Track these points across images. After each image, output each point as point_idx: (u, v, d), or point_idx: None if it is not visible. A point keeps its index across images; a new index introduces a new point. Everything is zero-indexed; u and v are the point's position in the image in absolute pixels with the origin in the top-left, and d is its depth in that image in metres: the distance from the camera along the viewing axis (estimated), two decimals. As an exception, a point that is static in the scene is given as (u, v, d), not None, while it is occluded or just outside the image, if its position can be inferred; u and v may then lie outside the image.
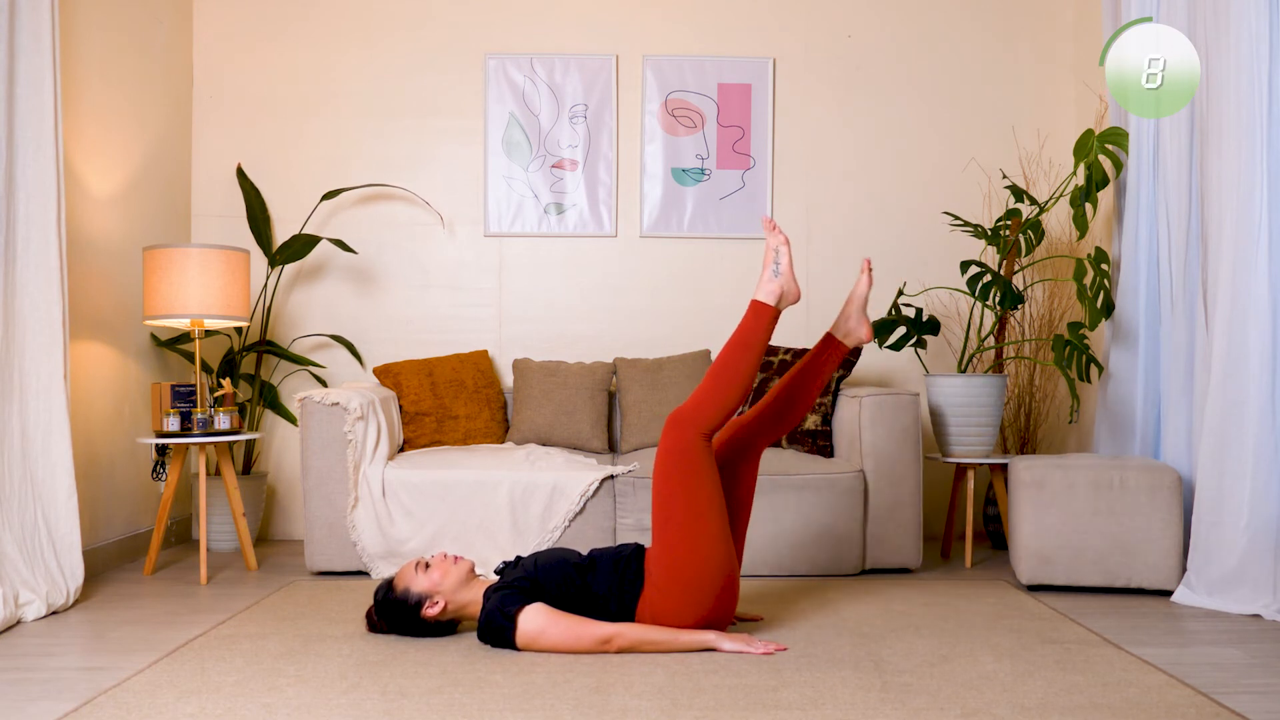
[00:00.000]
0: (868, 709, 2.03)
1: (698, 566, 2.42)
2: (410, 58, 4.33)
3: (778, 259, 2.53)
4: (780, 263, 2.53)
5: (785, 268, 2.52)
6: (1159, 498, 3.10)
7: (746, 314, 2.52)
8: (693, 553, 2.42)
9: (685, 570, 2.42)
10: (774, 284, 2.52)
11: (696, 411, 2.46)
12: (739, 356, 2.48)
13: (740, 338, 2.50)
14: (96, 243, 3.54)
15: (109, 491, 3.58)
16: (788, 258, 2.53)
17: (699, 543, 2.42)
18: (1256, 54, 2.88)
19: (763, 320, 2.51)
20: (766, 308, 2.51)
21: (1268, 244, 2.87)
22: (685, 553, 2.42)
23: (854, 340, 2.70)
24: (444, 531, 3.38)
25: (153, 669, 2.30)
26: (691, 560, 2.42)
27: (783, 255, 2.53)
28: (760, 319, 2.51)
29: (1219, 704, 2.06)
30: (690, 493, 2.42)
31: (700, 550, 2.42)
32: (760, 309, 2.51)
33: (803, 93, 4.36)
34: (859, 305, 2.68)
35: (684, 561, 2.42)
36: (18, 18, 2.92)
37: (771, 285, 2.52)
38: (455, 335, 4.31)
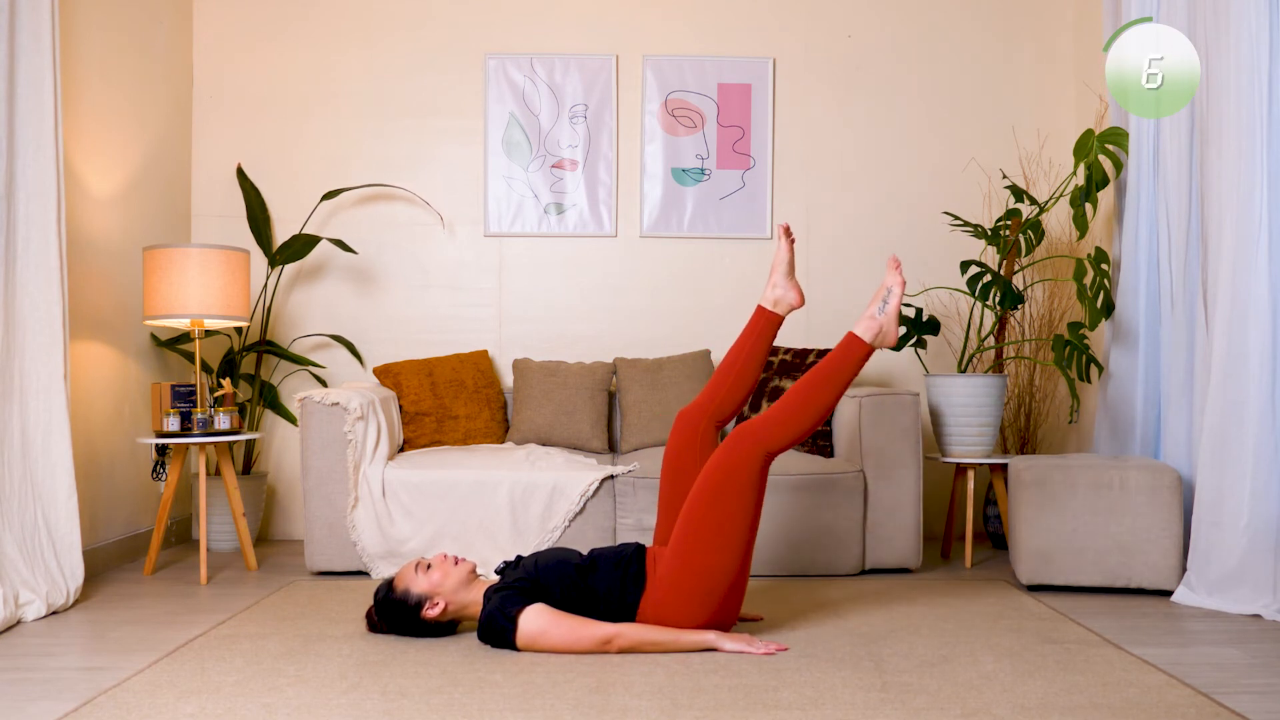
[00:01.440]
0: (868, 709, 2.03)
1: (712, 577, 2.42)
2: (410, 58, 4.33)
3: (887, 298, 2.52)
4: (889, 302, 2.52)
5: (892, 309, 2.51)
6: (1159, 498, 3.10)
7: (840, 345, 2.53)
8: (711, 565, 2.42)
9: (698, 579, 2.43)
10: (875, 321, 2.52)
11: (767, 431, 2.44)
12: (822, 385, 2.48)
13: (828, 367, 2.49)
14: (96, 243, 3.54)
15: (109, 491, 3.58)
16: (897, 301, 2.52)
17: (726, 556, 2.42)
18: (1256, 54, 2.88)
19: (854, 354, 2.50)
20: (861, 343, 2.51)
21: (1268, 244, 2.87)
22: (703, 564, 2.42)
23: (784, 307, 2.71)
24: (444, 531, 3.38)
25: (153, 669, 2.30)
26: (708, 571, 2.42)
27: (893, 296, 2.52)
28: (852, 353, 2.50)
29: (1219, 704, 2.06)
30: (735, 508, 2.41)
31: (725, 563, 2.42)
32: (854, 343, 2.51)
33: (803, 93, 4.36)
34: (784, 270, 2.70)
35: (700, 571, 2.42)
36: (18, 18, 2.92)
37: (872, 322, 2.52)
38: (455, 335, 4.31)
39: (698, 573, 2.42)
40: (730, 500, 2.41)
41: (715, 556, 2.41)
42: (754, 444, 2.42)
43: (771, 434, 2.44)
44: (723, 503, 2.41)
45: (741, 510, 2.41)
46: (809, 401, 2.46)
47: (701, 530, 2.41)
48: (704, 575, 2.42)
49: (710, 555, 2.41)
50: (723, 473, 2.42)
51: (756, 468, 2.42)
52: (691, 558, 2.42)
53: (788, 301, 2.72)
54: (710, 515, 2.41)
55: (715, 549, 2.41)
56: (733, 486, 2.41)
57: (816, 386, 2.47)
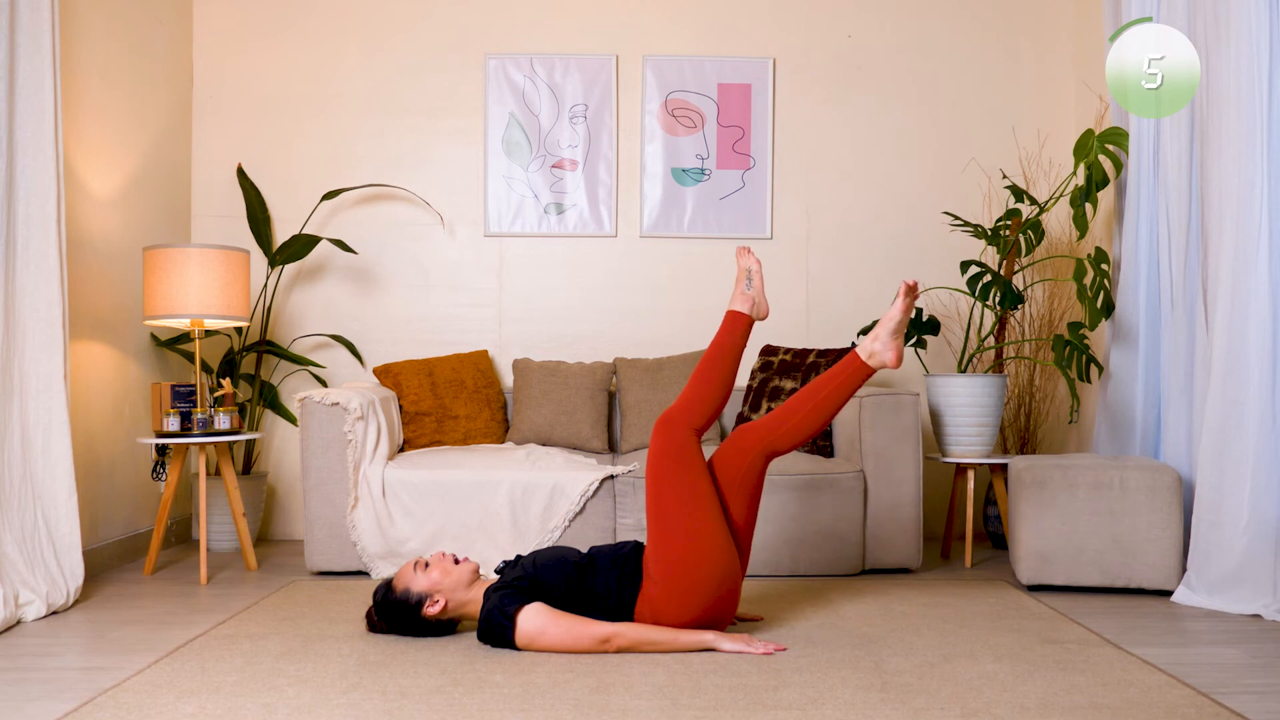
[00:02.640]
0: (868, 709, 2.03)
1: (697, 561, 2.43)
2: (410, 58, 4.33)
3: (750, 277, 2.73)
4: (752, 280, 2.73)
5: (756, 285, 2.73)
6: (1159, 498, 3.10)
7: (723, 322, 2.70)
8: (688, 548, 2.43)
9: (684, 565, 2.43)
10: (745, 297, 2.72)
11: (682, 411, 2.57)
12: (718, 359, 2.64)
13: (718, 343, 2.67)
14: (96, 243, 3.54)
15: (109, 491, 3.58)
16: (759, 277, 2.74)
17: (696, 538, 2.43)
18: (1256, 54, 2.88)
19: (738, 327, 2.68)
20: (741, 315, 2.69)
21: (1268, 244, 2.87)
22: (683, 548, 2.43)
23: (877, 363, 2.56)
24: (444, 531, 3.38)
25: (153, 669, 2.30)
26: (690, 555, 2.42)
27: (754, 275, 2.73)
28: (735, 326, 2.69)
29: (1219, 704, 2.06)
30: (684, 489, 2.46)
31: (699, 545, 2.43)
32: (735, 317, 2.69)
33: (803, 93, 4.36)
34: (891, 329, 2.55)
35: (682, 556, 2.43)
36: (18, 18, 2.92)
37: (744, 298, 2.72)
38: (455, 335, 4.31)
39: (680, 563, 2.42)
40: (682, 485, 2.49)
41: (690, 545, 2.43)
42: (678, 424, 2.55)
43: (689, 411, 2.58)
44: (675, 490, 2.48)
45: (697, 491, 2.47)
46: (712, 375, 2.62)
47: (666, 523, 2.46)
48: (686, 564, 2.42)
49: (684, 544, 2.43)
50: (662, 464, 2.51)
51: (690, 446, 2.53)
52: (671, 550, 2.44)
53: (883, 360, 2.56)
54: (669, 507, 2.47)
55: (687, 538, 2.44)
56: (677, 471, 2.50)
57: (714, 363, 2.63)
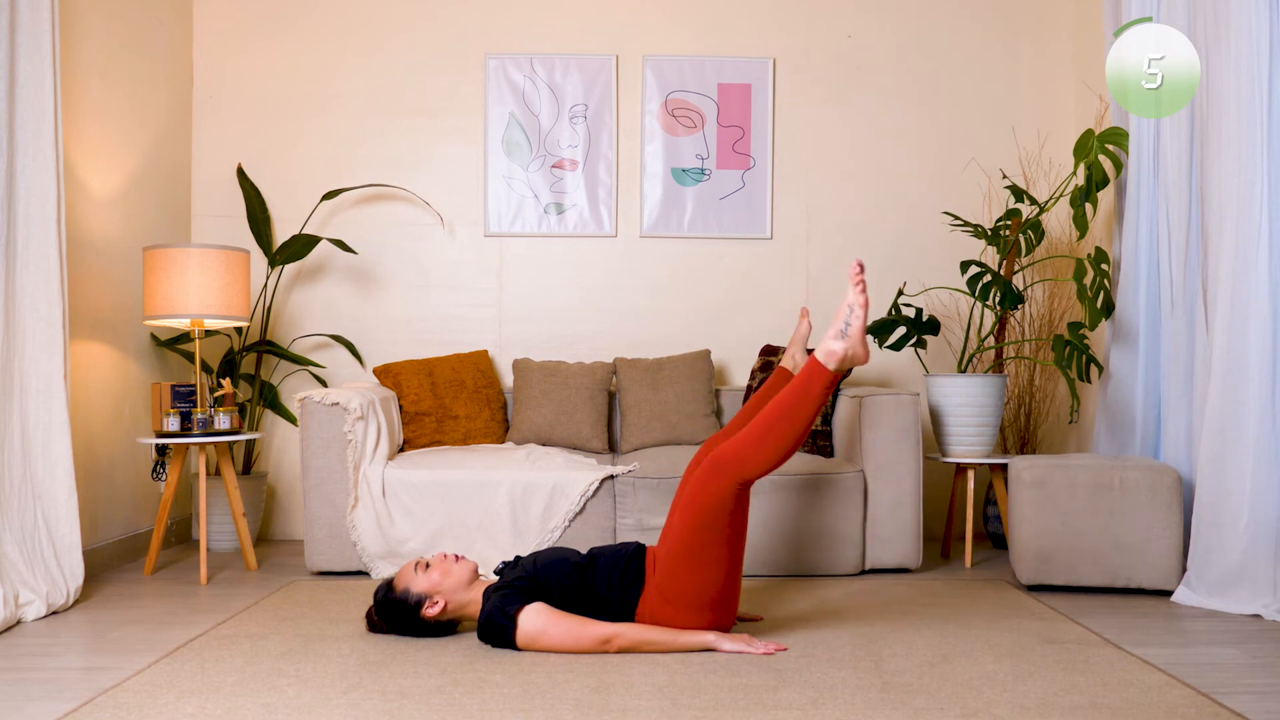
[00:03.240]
0: (868, 709, 2.03)
1: (707, 591, 2.44)
2: (410, 58, 4.33)
3: (849, 319, 2.34)
4: (850, 324, 2.34)
5: (854, 331, 2.34)
6: (1159, 498, 3.10)
7: (803, 369, 2.40)
8: (701, 586, 2.43)
9: (689, 597, 2.44)
10: (838, 344, 2.35)
11: (739, 461, 2.37)
12: (789, 414, 2.36)
13: (792, 394, 2.37)
14: (96, 243, 3.54)
15: (109, 491, 3.58)
16: (861, 321, 2.33)
17: (709, 580, 2.43)
18: (1256, 54, 2.88)
19: (818, 382, 2.35)
20: (823, 370, 2.35)
21: (1268, 244, 2.87)
22: (694, 586, 2.43)
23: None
24: (444, 531, 3.38)
25: (153, 669, 2.30)
26: (698, 591, 2.44)
27: (855, 317, 2.34)
28: (814, 380, 2.35)
29: (1219, 704, 2.06)
30: (711, 539, 2.41)
31: (711, 580, 2.43)
32: (816, 370, 2.36)
33: (803, 93, 4.36)
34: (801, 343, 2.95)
35: (691, 592, 2.44)
36: (18, 18, 2.92)
37: (834, 345, 2.36)
38: (455, 335, 4.31)
39: (688, 591, 2.44)
40: (710, 530, 2.40)
41: (703, 576, 2.42)
42: (727, 477, 2.38)
43: (746, 464, 2.37)
44: (704, 534, 2.41)
45: (720, 536, 2.41)
46: (777, 432, 2.36)
47: (688, 557, 2.42)
48: (695, 591, 2.44)
49: (695, 576, 2.42)
50: (700, 508, 2.40)
51: (732, 497, 2.39)
52: (680, 579, 2.43)
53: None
54: (694, 545, 2.41)
55: (701, 570, 2.42)
56: (712, 518, 2.40)
57: (783, 418, 2.36)
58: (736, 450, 2.39)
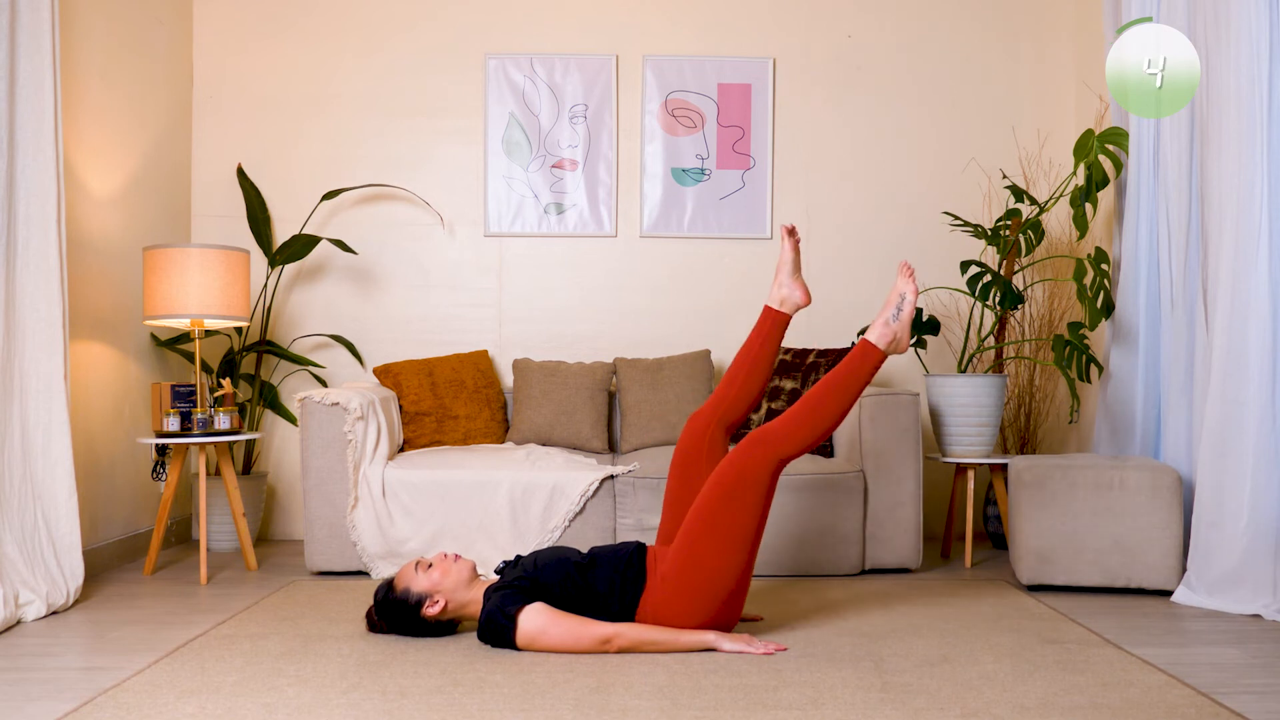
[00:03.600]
0: (868, 709, 2.03)
1: (717, 578, 2.43)
2: (410, 58, 4.33)
3: (901, 305, 2.53)
4: (902, 309, 2.53)
5: (905, 316, 2.53)
6: (1159, 498, 3.10)
7: (853, 351, 2.54)
8: (717, 566, 2.43)
9: (703, 579, 2.43)
10: (889, 328, 2.53)
11: (782, 437, 2.45)
12: (835, 392, 2.48)
13: (842, 373, 2.50)
14: (96, 243, 3.54)
15: (109, 491, 3.58)
16: (910, 308, 2.53)
17: (732, 558, 2.42)
18: (1256, 54, 2.88)
19: (869, 361, 2.50)
20: (875, 350, 2.52)
21: (1268, 244, 2.87)
22: (710, 565, 2.42)
23: (791, 306, 2.74)
24: (444, 531, 3.38)
25: (153, 669, 2.30)
26: (714, 572, 2.43)
27: (907, 304, 2.53)
28: (867, 360, 2.51)
29: (1219, 704, 2.06)
30: (745, 512, 2.42)
31: (731, 564, 2.43)
32: (868, 350, 2.52)
33: (803, 93, 4.36)
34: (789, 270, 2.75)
35: (706, 571, 2.43)
36: (18, 18, 2.92)
37: (885, 329, 2.53)
38: (455, 335, 4.31)
39: (703, 573, 2.43)
40: (740, 504, 2.41)
41: (722, 558, 2.42)
42: (768, 450, 2.43)
43: (786, 440, 2.45)
44: (733, 506, 2.41)
45: (750, 514, 2.42)
46: (823, 408, 2.47)
47: (710, 531, 2.42)
48: (709, 576, 2.43)
49: (717, 557, 2.42)
50: (735, 476, 2.43)
51: (769, 473, 2.44)
52: (698, 558, 2.43)
53: (794, 300, 2.75)
54: (720, 517, 2.41)
55: (722, 550, 2.42)
56: (744, 490, 2.42)
57: (831, 393, 2.48)
58: (781, 425, 2.46)
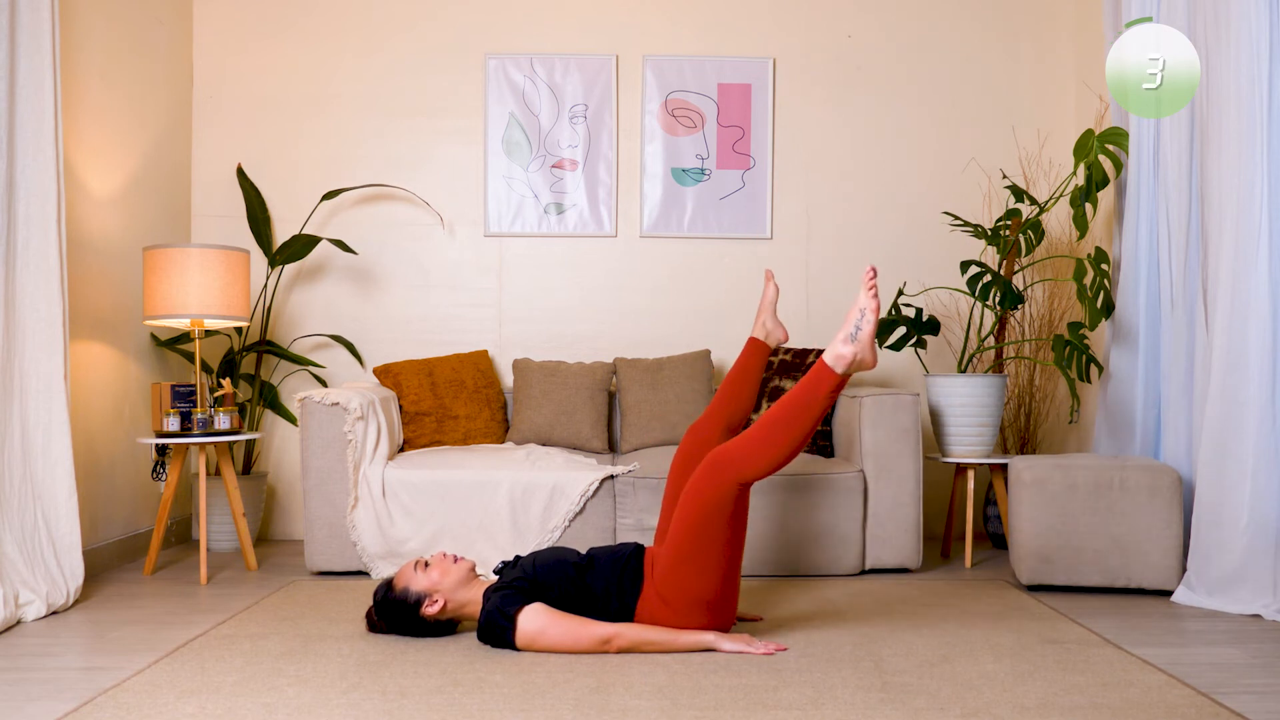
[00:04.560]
0: (868, 709, 2.03)
1: (704, 596, 2.44)
2: (410, 58, 4.33)
3: (860, 323, 2.31)
4: (861, 328, 2.31)
5: (864, 335, 2.30)
6: (1159, 498, 3.10)
7: (810, 372, 2.37)
8: (701, 589, 2.43)
9: (696, 598, 2.44)
10: (847, 348, 2.32)
11: (741, 461, 2.36)
12: (793, 417, 2.33)
13: (798, 397, 2.35)
14: (96, 243, 3.54)
15: (109, 491, 3.58)
16: (871, 326, 2.30)
17: (710, 577, 2.42)
18: (1256, 54, 2.88)
19: (824, 386, 2.33)
20: (831, 374, 2.32)
21: (1268, 244, 2.87)
22: (695, 589, 2.43)
23: (774, 341, 2.97)
24: (444, 531, 3.38)
25: (153, 669, 2.30)
26: (705, 592, 2.43)
27: (866, 322, 2.30)
28: (821, 383, 2.33)
29: (1219, 704, 2.06)
30: (717, 538, 2.40)
31: (710, 583, 2.43)
32: (824, 373, 2.33)
33: (803, 93, 4.36)
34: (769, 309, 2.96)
35: (692, 594, 2.43)
36: (18, 18, 2.92)
37: (843, 349, 2.32)
38: (455, 335, 4.31)
39: (689, 593, 2.44)
40: (712, 530, 2.39)
41: (704, 578, 2.42)
42: (727, 474, 2.37)
43: (745, 464, 2.35)
44: (706, 533, 2.39)
45: (722, 537, 2.41)
46: (780, 433, 2.34)
47: (689, 559, 2.41)
48: (696, 595, 2.44)
49: (699, 578, 2.42)
50: (701, 506, 2.39)
51: (732, 498, 2.37)
52: (682, 581, 2.43)
53: (777, 336, 2.98)
54: (696, 546, 2.40)
55: (702, 573, 2.42)
56: (712, 518, 2.39)
57: (788, 417, 2.34)
58: (738, 450, 2.38)
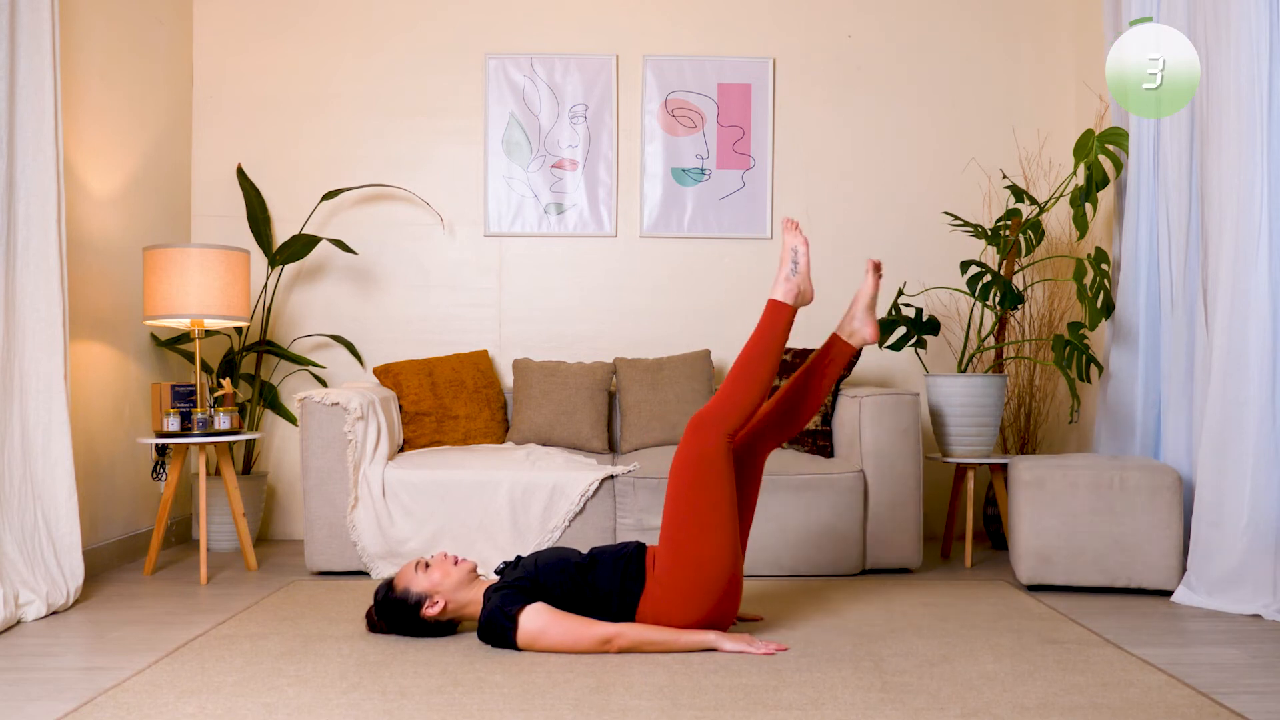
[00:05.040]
0: (868, 709, 2.03)
1: (704, 567, 2.43)
2: (410, 58, 4.34)
3: (796, 258, 2.58)
4: (798, 262, 2.58)
5: (803, 267, 2.58)
6: (1159, 498, 3.10)
7: (764, 313, 2.57)
8: (700, 554, 2.43)
9: (691, 570, 2.43)
10: (790, 283, 2.57)
11: (718, 413, 2.49)
12: (758, 356, 2.53)
13: (758, 337, 2.55)
14: (96, 243, 3.54)
15: (109, 491, 3.58)
16: (805, 258, 2.58)
17: (708, 545, 2.43)
18: (1256, 54, 2.88)
19: (780, 319, 2.56)
20: (783, 306, 2.56)
21: (1268, 244, 2.87)
22: (693, 554, 2.43)
23: (859, 340, 2.72)
24: (444, 531, 3.38)
25: (153, 669, 2.30)
26: (699, 561, 2.43)
27: (800, 255, 2.58)
28: (777, 318, 2.56)
29: (1219, 704, 2.06)
30: (705, 497, 2.44)
31: (708, 552, 2.43)
32: (777, 308, 2.56)
33: (803, 93, 4.36)
34: (865, 305, 2.71)
35: (691, 562, 2.43)
36: (18, 18, 2.92)
37: (788, 285, 2.57)
38: (455, 335, 4.31)
39: (689, 563, 2.43)
40: (705, 485, 2.44)
41: (704, 544, 2.43)
42: (712, 429, 2.47)
43: (724, 414, 2.49)
44: (699, 490, 2.44)
45: (718, 493, 2.44)
46: (749, 375, 2.52)
47: (686, 521, 2.44)
48: (696, 565, 2.43)
49: (699, 543, 2.43)
50: (692, 463, 2.46)
51: (721, 449, 2.46)
52: (681, 555, 2.44)
53: (863, 335, 2.71)
54: (691, 505, 2.44)
55: (702, 535, 2.43)
56: (704, 472, 2.44)
57: (753, 360, 2.53)
58: (716, 403, 2.52)
